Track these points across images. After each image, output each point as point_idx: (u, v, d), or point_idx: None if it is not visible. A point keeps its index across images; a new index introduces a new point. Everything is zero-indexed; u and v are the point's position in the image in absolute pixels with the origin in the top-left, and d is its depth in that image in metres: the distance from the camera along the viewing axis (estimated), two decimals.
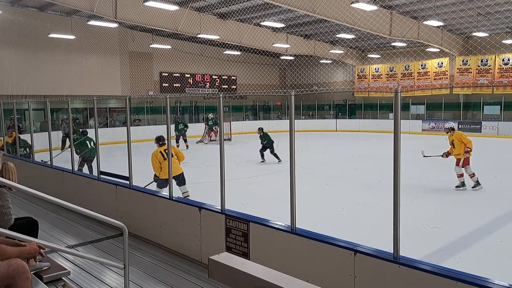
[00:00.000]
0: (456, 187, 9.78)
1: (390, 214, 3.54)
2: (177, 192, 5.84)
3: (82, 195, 7.48)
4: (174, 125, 18.85)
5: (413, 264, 3.40)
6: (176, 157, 8.04)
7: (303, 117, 30.45)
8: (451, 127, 10.39)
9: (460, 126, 24.23)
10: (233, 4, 17.64)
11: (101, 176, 7.03)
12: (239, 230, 4.73)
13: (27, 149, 13.22)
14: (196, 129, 22.84)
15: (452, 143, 10.20)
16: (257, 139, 14.09)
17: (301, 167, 7.90)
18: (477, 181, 9.69)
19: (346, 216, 7.55)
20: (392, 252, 3.52)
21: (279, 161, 13.06)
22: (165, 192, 7.33)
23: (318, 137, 22.78)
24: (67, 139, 17.86)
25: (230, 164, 11.18)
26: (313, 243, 4.06)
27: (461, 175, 9.79)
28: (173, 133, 14.96)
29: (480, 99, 24.51)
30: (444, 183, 10.36)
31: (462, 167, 9.75)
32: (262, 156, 13.98)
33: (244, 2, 16.91)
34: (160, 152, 7.93)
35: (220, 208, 5.03)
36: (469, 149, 9.75)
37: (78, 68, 22.08)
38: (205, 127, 21.31)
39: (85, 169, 11.31)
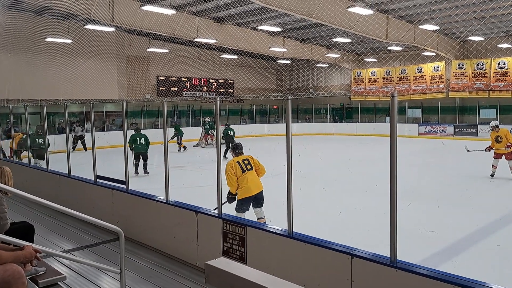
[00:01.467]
0: (491, 175, 11.41)
1: (387, 218, 3.54)
2: (176, 195, 5.82)
3: (79, 199, 7.45)
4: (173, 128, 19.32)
5: (410, 268, 3.40)
6: (255, 170, 6.63)
7: (300, 121, 30.49)
8: (496, 125, 11.58)
9: (456, 129, 24.36)
10: (230, 8, 17.68)
11: (98, 180, 7.01)
12: (236, 234, 4.72)
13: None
14: (193, 133, 22.83)
15: (496, 139, 11.29)
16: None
17: (298, 171, 7.91)
18: None
19: (343, 220, 7.55)
20: (389, 256, 3.52)
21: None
22: (247, 216, 6.23)
23: (315, 141, 22.80)
24: (79, 140, 18.22)
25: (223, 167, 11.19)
26: (310, 247, 4.05)
27: (495, 167, 11.34)
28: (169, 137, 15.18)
29: (476, 103, 24.62)
30: (440, 187, 10.39)
31: (507, 159, 11.05)
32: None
33: (241, 6, 16.95)
34: (238, 162, 6.43)
35: (217, 212, 5.02)
36: (510, 144, 10.96)
37: (75, 72, 22.04)
38: (202, 131, 21.30)
39: (140, 167, 12.44)
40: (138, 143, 12.25)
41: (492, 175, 11.45)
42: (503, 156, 11.13)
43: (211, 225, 5.00)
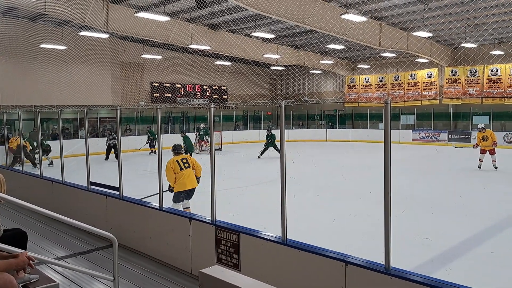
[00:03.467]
0: (478, 167, 14.06)
1: (381, 225, 3.55)
2: (170, 202, 5.81)
3: (72, 206, 7.41)
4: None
5: (405, 275, 3.41)
6: (192, 168, 7.58)
7: (293, 127, 30.55)
8: (483, 127, 14.19)
9: (450, 136, 24.52)
10: (223, 15, 17.74)
11: (91, 186, 6.97)
12: (230, 241, 4.71)
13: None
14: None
15: (483, 138, 13.87)
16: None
17: (291, 178, 7.92)
18: (496, 166, 13.91)
19: (337, 227, 7.55)
20: (384, 263, 3.52)
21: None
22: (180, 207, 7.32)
23: (309, 147, 22.86)
24: (113, 149, 17.84)
25: (221, 174, 11.18)
26: (304, 254, 4.05)
27: (481, 160, 14.03)
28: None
29: (469, 110, 24.81)
30: (434, 194, 10.44)
31: (491, 154, 13.77)
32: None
33: (234, 13, 17.01)
34: (177, 161, 7.41)
35: (210, 219, 5.01)
36: (496, 142, 13.82)
37: (69, 78, 21.97)
38: (196, 137, 21.29)
39: None
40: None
41: (479, 167, 14.04)
42: (487, 151, 13.88)
43: (205, 232, 4.98)
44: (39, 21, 20.31)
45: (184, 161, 7.53)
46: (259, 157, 17.80)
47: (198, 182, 7.63)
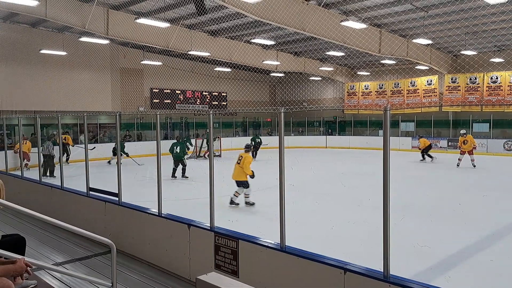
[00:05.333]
0: (457, 165, 16.71)
1: (380, 232, 3.55)
2: (168, 208, 5.80)
3: (71, 211, 7.40)
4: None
5: (403, 283, 3.40)
6: (240, 166, 9.45)
7: (293, 134, 30.56)
8: (464, 133, 17.02)
9: (449, 143, 24.52)
10: (223, 22, 17.82)
11: (90, 192, 6.97)
12: (228, 248, 4.71)
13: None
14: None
15: (463, 142, 16.62)
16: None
17: (290, 184, 7.92)
18: (474, 165, 16.52)
19: (336, 234, 7.54)
20: (382, 270, 3.52)
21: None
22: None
23: (308, 154, 22.85)
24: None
25: (220, 180, 11.16)
26: (302, 261, 4.04)
27: (460, 160, 16.80)
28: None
29: (469, 117, 24.84)
30: (433, 201, 10.42)
31: (469, 155, 16.49)
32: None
33: (234, 19, 17.09)
34: (239, 156, 9.64)
35: (209, 225, 5.01)
36: (475, 146, 16.83)
37: (69, 84, 22.00)
38: (202, 142, 21.38)
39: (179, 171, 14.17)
40: (174, 151, 14.09)
41: (458, 165, 16.72)
42: (466, 152, 16.60)
43: (204, 238, 4.98)
44: (39, 27, 20.39)
45: (240, 158, 9.56)
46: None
47: (252, 177, 9.43)
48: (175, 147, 14.15)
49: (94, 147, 17.92)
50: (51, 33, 20.78)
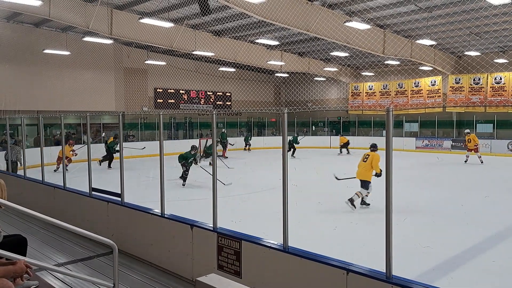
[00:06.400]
0: (465, 161, 18.55)
1: (382, 233, 3.53)
2: (171, 208, 5.78)
3: (74, 212, 7.40)
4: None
5: (406, 284, 3.38)
6: (370, 165, 9.47)
7: (296, 134, 30.48)
8: (468, 132, 18.72)
9: (453, 144, 24.42)
10: (228, 22, 17.82)
11: (93, 192, 6.97)
12: (231, 249, 4.69)
13: None
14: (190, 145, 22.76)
15: (468, 140, 18.44)
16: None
17: (293, 185, 7.90)
18: (482, 161, 18.06)
19: (339, 234, 7.51)
20: (385, 271, 3.50)
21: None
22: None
23: (312, 154, 22.81)
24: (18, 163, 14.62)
25: (223, 180, 11.17)
26: (305, 262, 4.03)
27: (468, 157, 18.65)
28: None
29: (473, 118, 24.73)
30: (436, 202, 10.37)
31: (476, 152, 18.24)
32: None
33: (239, 20, 17.09)
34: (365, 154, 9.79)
35: (212, 225, 4.99)
36: (477, 145, 18.34)
37: (73, 84, 22.07)
38: (199, 144, 21.37)
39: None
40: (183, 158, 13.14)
41: (465, 162, 18.52)
42: (472, 150, 18.39)
43: (206, 239, 4.96)
44: (43, 27, 20.46)
45: (366, 156, 9.62)
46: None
47: (378, 176, 9.14)
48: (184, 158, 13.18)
49: (144, 147, 18.67)
50: (55, 33, 20.85)
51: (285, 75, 29.91)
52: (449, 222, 8.44)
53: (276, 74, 29.67)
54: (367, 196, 9.58)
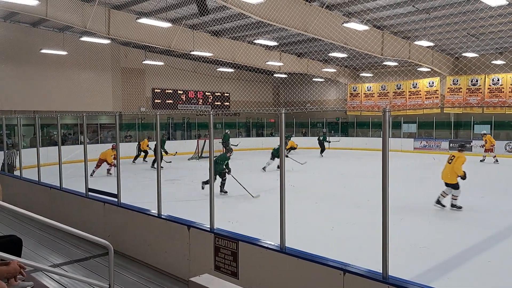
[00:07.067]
0: (480, 161, 19.17)
1: (379, 233, 3.52)
2: (168, 209, 5.76)
3: (70, 212, 7.37)
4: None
5: (403, 284, 3.38)
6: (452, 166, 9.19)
7: (294, 135, 30.48)
8: (484, 133, 19.69)
9: (451, 145, 24.45)
10: (226, 22, 17.80)
11: (89, 193, 6.94)
12: (228, 249, 4.67)
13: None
14: (188, 146, 22.79)
15: (485, 141, 19.08)
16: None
17: (291, 186, 7.88)
18: (497, 160, 18.97)
19: (336, 235, 7.50)
20: (381, 272, 3.49)
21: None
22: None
23: (310, 155, 22.79)
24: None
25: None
26: (302, 262, 4.02)
27: (484, 157, 19.37)
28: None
29: (470, 119, 24.75)
30: (432, 202, 10.36)
31: (491, 152, 19.08)
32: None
33: (237, 20, 17.07)
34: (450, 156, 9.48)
35: (209, 226, 4.97)
36: (493, 145, 19.13)
37: (70, 84, 22.00)
38: (197, 144, 21.36)
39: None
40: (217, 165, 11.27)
41: (481, 161, 19.25)
42: (488, 151, 19.11)
43: (203, 240, 4.95)
44: (40, 26, 20.39)
45: (452, 157, 9.39)
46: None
47: (463, 178, 9.04)
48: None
49: (176, 153, 19.65)
50: (52, 32, 20.78)
51: (284, 75, 29.90)
52: (445, 223, 8.45)
53: (275, 75, 29.66)
54: (455, 198, 9.27)
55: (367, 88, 29.65)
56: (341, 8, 15.41)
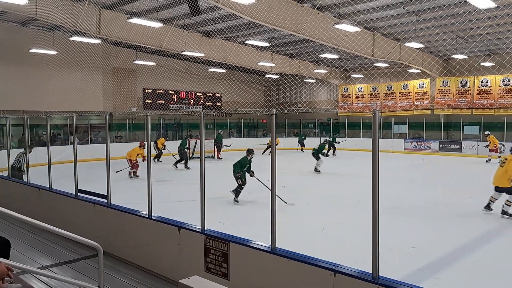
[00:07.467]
0: (486, 161, 19.66)
1: (370, 234, 3.53)
2: (159, 210, 5.73)
3: (59, 214, 7.30)
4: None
5: (392, 285, 3.40)
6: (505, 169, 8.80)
7: (284, 135, 30.50)
8: (488, 133, 20.26)
9: (440, 145, 24.67)
10: (218, 23, 17.77)
11: (79, 194, 6.88)
12: (219, 250, 4.66)
13: None
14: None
15: (489, 141, 19.82)
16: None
17: (282, 186, 7.89)
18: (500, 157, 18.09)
19: (327, 235, 7.52)
20: (372, 272, 3.51)
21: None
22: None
23: (302, 155, 22.85)
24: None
25: (212, 182, 11.09)
26: (293, 263, 4.02)
27: (490, 157, 19.81)
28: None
29: (460, 120, 25.00)
30: (423, 203, 10.45)
31: (495, 152, 19.56)
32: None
33: (229, 20, 17.06)
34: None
35: (200, 227, 4.96)
36: (496, 145, 19.73)
37: (60, 84, 21.80)
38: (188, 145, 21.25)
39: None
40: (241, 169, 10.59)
41: (487, 161, 19.63)
42: (493, 151, 19.76)
43: (194, 241, 4.93)
44: (29, 26, 20.16)
45: (504, 160, 9.11)
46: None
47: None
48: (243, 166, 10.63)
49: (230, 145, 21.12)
50: (41, 32, 20.57)
51: (276, 76, 29.95)
52: (434, 223, 8.51)
53: (267, 76, 29.69)
54: (509, 205, 8.72)
55: (358, 89, 29.81)
56: (332, 9, 15.46)
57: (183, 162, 17.88)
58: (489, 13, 14.02)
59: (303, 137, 27.40)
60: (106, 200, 6.23)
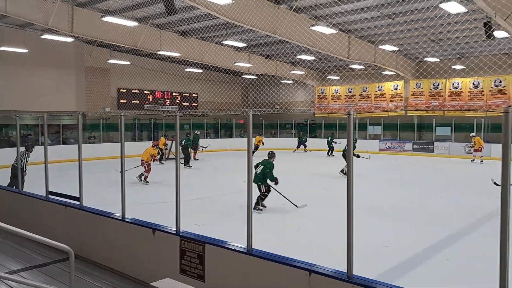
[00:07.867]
0: (471, 161, 20.31)
1: (345, 233, 3.57)
2: (133, 212, 5.62)
3: (30, 216, 7.09)
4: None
5: (367, 283, 3.44)
6: None
7: (263, 135, 30.53)
8: (473, 135, 20.69)
9: (414, 146, 25.20)
10: (194, 22, 17.64)
11: (50, 196, 6.70)
12: (194, 252, 4.62)
13: None
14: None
15: (474, 142, 20.21)
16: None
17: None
18: (482, 160, 19.93)
19: (303, 236, 7.55)
20: (346, 271, 3.54)
21: None
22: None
23: (279, 156, 22.89)
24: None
25: (189, 183, 11.01)
26: (269, 264, 4.02)
27: (475, 157, 20.31)
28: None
29: (432, 121, 25.60)
30: (397, 202, 10.63)
31: (478, 152, 20.04)
32: None
33: (205, 20, 16.96)
34: None
35: (175, 229, 4.90)
36: (481, 146, 20.06)
37: (30, 83, 21.18)
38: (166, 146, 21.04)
39: None
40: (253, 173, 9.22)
41: (472, 161, 20.29)
42: (478, 151, 20.10)
43: (169, 243, 4.87)
44: None
45: None
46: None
47: None
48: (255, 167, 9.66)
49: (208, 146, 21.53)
50: (11, 29, 19.95)
51: (253, 77, 29.96)
52: (409, 222, 8.67)
53: (244, 76, 29.67)
54: None
55: (335, 90, 30.16)
56: (309, 11, 15.59)
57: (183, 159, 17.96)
58: (459, 18, 14.39)
59: (304, 139, 27.67)
60: (78, 202, 6.09)
